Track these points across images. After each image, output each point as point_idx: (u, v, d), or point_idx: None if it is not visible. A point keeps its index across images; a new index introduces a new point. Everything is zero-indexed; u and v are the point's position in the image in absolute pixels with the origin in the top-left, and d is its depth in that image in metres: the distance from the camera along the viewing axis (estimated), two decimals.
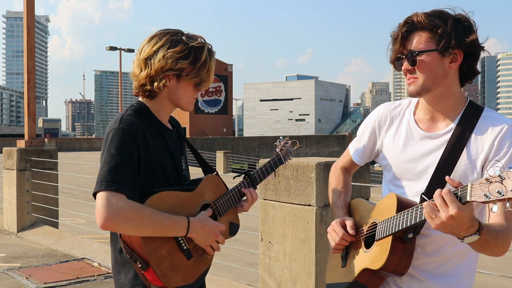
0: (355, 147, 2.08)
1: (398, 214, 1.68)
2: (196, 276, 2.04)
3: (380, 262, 1.70)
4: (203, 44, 2.01)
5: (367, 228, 1.86)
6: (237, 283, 5.14)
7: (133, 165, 1.87)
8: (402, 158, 1.85)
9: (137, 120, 1.95)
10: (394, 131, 1.91)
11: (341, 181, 2.14)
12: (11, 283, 5.54)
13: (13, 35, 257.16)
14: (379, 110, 2.00)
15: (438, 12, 1.76)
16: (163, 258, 1.91)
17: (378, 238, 1.76)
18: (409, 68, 1.76)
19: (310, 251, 3.67)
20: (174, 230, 1.90)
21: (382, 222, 1.75)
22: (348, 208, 2.05)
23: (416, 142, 1.83)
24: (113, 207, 1.78)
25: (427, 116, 1.84)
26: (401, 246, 1.69)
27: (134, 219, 1.81)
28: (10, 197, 8.17)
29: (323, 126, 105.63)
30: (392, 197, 1.77)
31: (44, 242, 7.47)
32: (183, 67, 1.96)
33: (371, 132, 1.99)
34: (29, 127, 8.59)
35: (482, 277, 7.02)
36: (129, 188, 1.84)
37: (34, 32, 8.81)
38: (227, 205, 2.16)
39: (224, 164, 25.72)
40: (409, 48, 1.75)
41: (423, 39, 1.73)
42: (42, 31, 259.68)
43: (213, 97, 64.66)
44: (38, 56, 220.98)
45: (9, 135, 62.41)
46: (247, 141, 46.92)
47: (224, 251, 9.38)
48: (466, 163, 1.73)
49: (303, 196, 3.70)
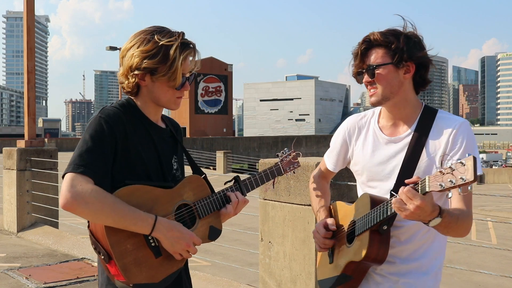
0: (329, 157, 2.33)
1: (372, 210, 1.93)
2: (164, 275, 1.93)
3: (362, 254, 1.94)
4: (173, 43, 1.94)
5: (347, 226, 2.09)
6: (237, 283, 5.14)
7: (105, 153, 1.85)
8: (372, 162, 2.10)
9: (119, 112, 1.94)
10: (363, 139, 2.16)
11: (318, 188, 2.38)
12: (11, 283, 5.54)
13: (13, 35, 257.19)
14: (348, 122, 2.24)
15: (391, 30, 2.01)
16: (127, 252, 1.85)
17: (358, 234, 2.00)
18: (369, 80, 2.01)
19: (310, 251, 3.67)
20: (137, 225, 1.83)
21: (360, 219, 2.00)
22: (328, 211, 2.27)
23: (382, 146, 2.08)
24: (75, 188, 1.76)
25: (389, 122, 2.09)
26: (378, 238, 1.94)
27: (95, 203, 1.76)
28: (10, 197, 8.17)
29: (323, 126, 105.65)
30: (366, 197, 2.02)
31: (44, 242, 7.47)
32: (149, 66, 1.92)
33: (342, 143, 2.24)
34: (29, 127, 8.59)
35: (482, 277, 7.02)
36: (98, 174, 1.81)
37: (34, 32, 8.82)
38: (209, 208, 2.06)
39: (224, 164, 25.73)
40: (368, 63, 2.01)
41: (380, 54, 1.99)
42: (42, 31, 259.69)
43: (213, 97, 64.68)
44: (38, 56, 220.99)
45: (9, 135, 62.44)
46: (247, 141, 46.94)
47: (224, 251, 9.40)
48: (426, 160, 1.98)
49: (303, 196, 3.70)
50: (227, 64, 66.73)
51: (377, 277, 2.05)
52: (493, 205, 17.49)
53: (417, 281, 2.02)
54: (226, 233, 9.51)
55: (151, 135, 2.02)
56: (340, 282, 2.07)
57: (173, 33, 1.98)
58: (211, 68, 64.43)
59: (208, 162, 30.00)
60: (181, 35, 1.98)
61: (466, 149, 1.93)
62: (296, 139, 49.95)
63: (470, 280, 7.11)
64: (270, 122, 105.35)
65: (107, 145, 1.86)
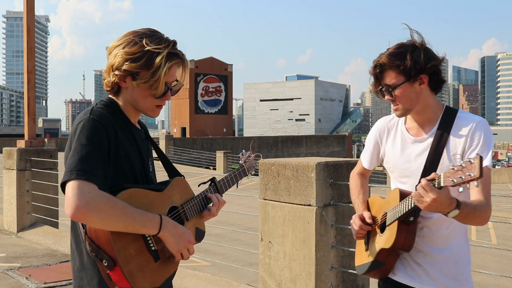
0: (364, 156, 2.57)
1: (399, 203, 2.15)
2: (163, 279, 1.93)
3: (390, 242, 2.18)
4: (160, 51, 1.89)
5: (380, 218, 2.33)
6: (237, 283, 5.14)
7: (103, 156, 1.81)
8: (401, 160, 2.33)
9: (107, 113, 1.91)
10: (392, 139, 2.39)
11: (358, 184, 2.60)
12: (11, 283, 5.54)
13: (13, 35, 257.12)
14: (378, 124, 2.48)
15: (397, 50, 2.19)
16: (131, 257, 1.82)
17: (388, 224, 2.22)
18: (390, 98, 2.24)
19: (310, 251, 3.67)
20: (146, 226, 1.81)
21: (390, 211, 2.22)
22: (366, 204, 2.50)
23: (409, 146, 2.31)
24: (86, 196, 1.70)
25: (414, 124, 2.32)
26: (405, 228, 2.17)
27: (107, 210, 1.72)
28: (10, 197, 8.17)
29: (323, 126, 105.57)
30: (396, 191, 2.24)
31: (44, 242, 7.47)
32: (130, 69, 1.89)
33: (374, 143, 2.48)
34: (29, 127, 8.59)
35: (482, 277, 7.02)
36: (100, 178, 1.77)
37: (34, 32, 8.81)
38: (194, 210, 2.08)
39: (224, 164, 25.73)
40: (384, 83, 2.23)
41: (392, 76, 2.20)
42: (42, 31, 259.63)
43: (213, 97, 64.65)
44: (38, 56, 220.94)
45: (9, 135, 62.42)
46: (247, 141, 46.91)
47: (224, 251, 9.40)
48: (448, 157, 2.18)
49: (303, 196, 3.70)
50: (227, 64, 66.69)
51: (414, 264, 2.28)
52: (493, 205, 17.42)
53: (449, 269, 2.24)
54: (226, 233, 9.56)
55: (134, 136, 2.00)
56: (373, 268, 2.32)
57: (163, 40, 1.93)
58: (211, 68, 64.41)
59: (208, 162, 30.00)
60: (171, 44, 1.93)
61: (483, 146, 2.13)
62: (296, 139, 49.93)
63: None
64: (270, 122, 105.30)
65: (104, 148, 1.83)
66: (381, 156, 2.46)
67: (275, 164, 3.87)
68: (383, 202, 2.35)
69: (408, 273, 2.29)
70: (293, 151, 47.11)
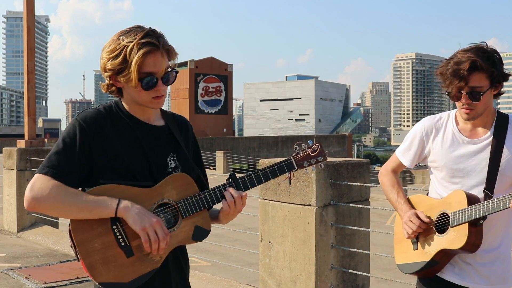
0: (405, 154, 2.53)
1: (473, 206, 2.17)
2: (136, 275, 1.90)
3: (460, 243, 2.19)
4: (132, 43, 1.89)
5: (435, 218, 2.32)
6: (237, 283, 5.14)
7: (73, 155, 1.90)
8: (452, 160, 2.34)
9: (99, 114, 1.97)
10: (441, 139, 2.39)
11: (394, 181, 2.57)
12: (11, 283, 5.54)
13: (13, 35, 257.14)
14: (425, 123, 2.46)
15: (486, 54, 2.20)
16: (95, 251, 1.87)
17: (454, 225, 2.22)
18: (469, 102, 2.22)
19: (310, 251, 3.67)
20: (101, 207, 1.85)
21: (456, 212, 2.22)
22: (409, 203, 2.46)
23: (462, 146, 2.33)
24: (36, 187, 1.85)
25: (468, 126, 2.34)
26: (475, 230, 2.19)
27: (56, 197, 1.83)
28: (10, 197, 8.18)
29: (323, 126, 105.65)
30: (461, 193, 2.24)
31: (44, 242, 7.47)
32: (113, 67, 1.92)
33: (419, 141, 2.46)
34: (29, 127, 8.59)
35: None
36: (62, 173, 1.87)
37: (34, 32, 8.82)
38: (195, 207, 1.98)
39: (224, 164, 25.74)
40: (471, 86, 2.19)
41: (482, 79, 2.19)
42: (42, 31, 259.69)
43: (213, 97, 64.69)
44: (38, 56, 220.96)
45: (9, 135, 62.43)
46: (247, 141, 46.95)
47: (224, 251, 9.39)
48: (507, 160, 2.26)
49: (303, 196, 3.70)
50: (227, 64, 66.73)
51: (463, 264, 2.32)
52: None
53: (498, 268, 2.31)
54: (226, 233, 9.58)
55: (137, 134, 2.00)
56: (428, 267, 2.33)
57: (138, 32, 1.92)
58: (211, 68, 64.45)
59: (208, 162, 29.98)
60: (144, 33, 1.91)
61: None
62: (296, 139, 49.92)
63: None
64: (270, 122, 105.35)
65: (76, 148, 1.90)
66: (425, 155, 2.46)
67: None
68: (437, 203, 2.35)
69: (456, 272, 2.33)
70: (293, 151, 47.14)
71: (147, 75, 1.92)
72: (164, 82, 1.98)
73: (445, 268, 2.34)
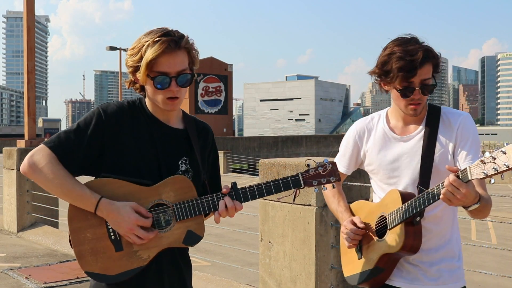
0: (340, 161, 2.42)
1: (405, 204, 2.06)
2: (121, 270, 1.93)
3: (398, 245, 2.07)
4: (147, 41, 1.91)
5: (375, 222, 2.20)
6: (237, 283, 5.14)
7: (83, 139, 1.94)
8: (386, 161, 2.24)
9: (122, 107, 2.01)
10: (373, 140, 2.29)
11: (334, 191, 2.44)
12: (11, 283, 5.54)
13: (13, 35, 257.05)
14: (356, 126, 2.37)
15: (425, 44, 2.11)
16: (86, 240, 1.93)
17: (391, 227, 2.11)
18: (420, 96, 2.10)
19: (310, 251, 3.67)
20: (83, 201, 1.92)
21: (392, 213, 2.11)
22: (350, 211, 2.36)
23: (394, 145, 2.23)
24: (35, 157, 1.91)
25: (400, 123, 2.25)
26: (412, 229, 2.07)
27: (47, 173, 1.89)
28: (10, 197, 8.18)
29: (323, 126, 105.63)
30: (395, 192, 2.13)
31: (44, 242, 7.47)
32: (132, 65, 1.96)
33: (353, 146, 2.36)
34: (29, 127, 8.60)
35: (482, 277, 7.02)
36: (65, 152, 1.91)
37: (34, 32, 8.82)
38: (190, 212, 1.96)
39: (224, 164, 25.72)
40: (423, 79, 2.08)
41: (429, 71, 2.09)
42: (42, 31, 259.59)
43: (213, 97, 64.67)
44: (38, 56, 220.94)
45: (9, 135, 62.36)
46: (247, 141, 46.92)
47: (224, 251, 9.40)
48: (440, 153, 2.15)
49: (303, 196, 3.70)
50: (227, 64, 66.70)
51: (409, 266, 2.20)
52: (493, 205, 17.41)
53: (448, 266, 2.19)
54: (226, 233, 9.57)
55: (152, 133, 2.01)
56: (373, 275, 2.19)
57: (158, 31, 1.94)
58: (211, 68, 64.43)
59: None
60: (161, 33, 1.92)
61: (474, 140, 2.13)
62: (296, 139, 49.94)
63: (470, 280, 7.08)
64: (270, 122, 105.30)
65: (87, 134, 1.94)
66: (361, 158, 2.36)
67: (275, 164, 3.87)
68: (375, 206, 2.24)
69: (404, 276, 2.20)
70: (293, 151, 47.09)
71: (159, 74, 1.92)
72: (178, 83, 1.95)
73: (393, 274, 2.20)
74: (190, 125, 2.13)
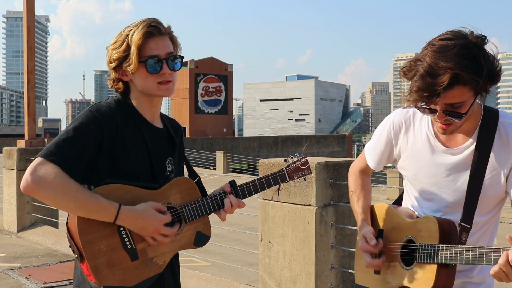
0: (370, 154, 2.10)
1: (445, 246, 1.74)
2: (139, 279, 1.87)
3: (426, 285, 1.77)
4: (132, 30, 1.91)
5: (401, 243, 1.89)
6: (237, 283, 5.14)
7: (82, 147, 1.81)
8: (424, 173, 1.89)
9: (113, 108, 1.92)
10: (412, 141, 1.93)
11: (359, 184, 2.14)
12: (11, 283, 5.54)
13: (13, 35, 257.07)
14: (394, 119, 1.98)
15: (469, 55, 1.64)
16: (100, 253, 1.80)
17: (420, 262, 1.80)
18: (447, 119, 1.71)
19: (310, 251, 3.67)
20: (100, 213, 1.78)
21: (425, 247, 1.79)
22: (369, 212, 2.06)
23: (438, 156, 1.86)
24: (39, 172, 1.73)
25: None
26: (445, 272, 1.76)
27: (57, 188, 1.73)
28: (10, 197, 8.18)
29: (323, 126, 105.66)
30: (433, 223, 1.79)
31: (44, 242, 7.47)
32: (117, 56, 1.92)
33: (386, 142, 2.01)
34: (29, 127, 8.59)
35: None
36: (68, 164, 1.76)
37: (34, 32, 8.82)
38: (197, 213, 1.97)
39: (224, 164, 25.73)
40: (450, 103, 1.66)
41: (465, 92, 1.65)
42: (42, 31, 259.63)
43: (213, 97, 64.68)
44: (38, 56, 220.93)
45: (9, 135, 62.39)
46: (247, 141, 46.95)
47: (224, 251, 9.36)
48: (492, 175, 1.78)
49: (303, 196, 3.70)
50: (227, 64, 66.72)
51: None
52: None
53: None
54: (226, 233, 9.54)
55: (143, 134, 1.97)
56: None
57: (140, 22, 1.94)
58: (211, 68, 64.45)
59: (208, 162, 29.99)
60: (145, 21, 1.93)
61: None
62: (296, 139, 49.96)
63: None
64: (270, 122, 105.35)
65: (87, 140, 1.82)
66: (394, 157, 2.01)
67: (275, 164, 3.87)
68: (406, 224, 1.89)
69: None
70: (293, 151, 47.07)
71: (150, 57, 1.91)
72: (169, 66, 1.94)
73: None
74: (168, 124, 2.12)
